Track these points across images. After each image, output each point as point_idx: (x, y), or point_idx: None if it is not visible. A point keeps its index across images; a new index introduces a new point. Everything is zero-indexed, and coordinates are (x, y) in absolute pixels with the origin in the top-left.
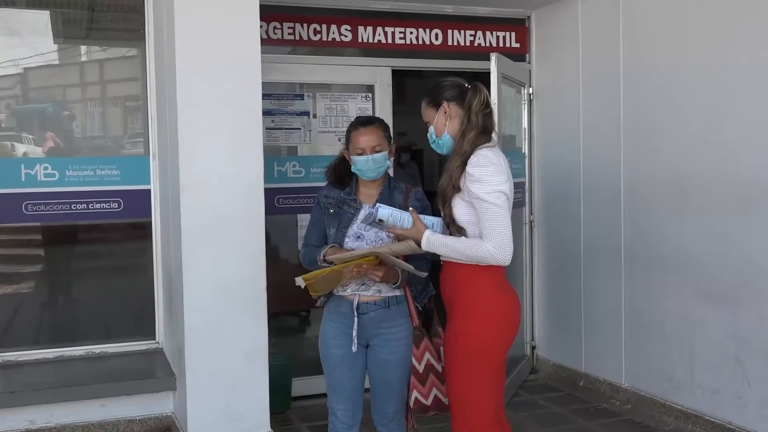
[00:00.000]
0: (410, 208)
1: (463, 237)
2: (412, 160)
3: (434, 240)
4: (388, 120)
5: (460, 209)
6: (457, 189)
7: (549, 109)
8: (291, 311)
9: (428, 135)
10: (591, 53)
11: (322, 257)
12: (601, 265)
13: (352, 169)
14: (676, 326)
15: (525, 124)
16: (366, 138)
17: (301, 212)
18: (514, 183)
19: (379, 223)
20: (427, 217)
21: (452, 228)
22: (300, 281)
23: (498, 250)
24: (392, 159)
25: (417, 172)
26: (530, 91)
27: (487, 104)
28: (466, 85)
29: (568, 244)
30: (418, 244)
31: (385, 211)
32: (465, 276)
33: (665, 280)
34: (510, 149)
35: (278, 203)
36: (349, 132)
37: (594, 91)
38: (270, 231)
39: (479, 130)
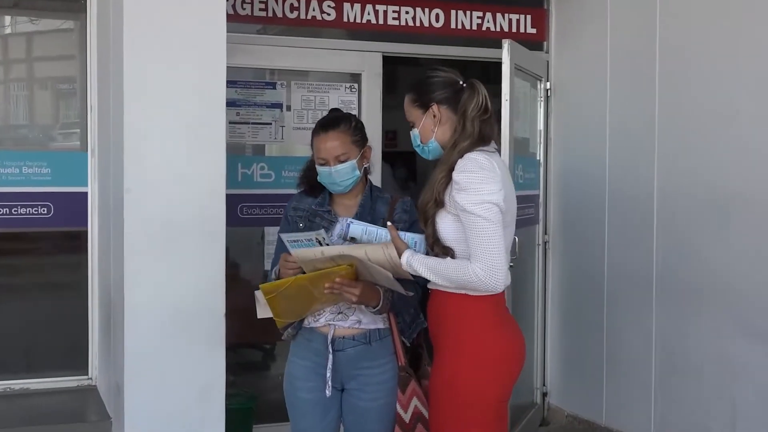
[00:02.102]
0: (388, 224)
1: (449, 258)
2: (403, 166)
3: (415, 261)
4: (376, 117)
5: (445, 225)
6: (440, 204)
7: (569, 107)
8: (254, 343)
9: (411, 137)
10: (621, 42)
11: (274, 274)
12: (628, 296)
13: (318, 179)
14: (716, 371)
15: (540, 125)
16: (327, 145)
17: (270, 224)
18: (526, 196)
19: (352, 241)
20: (408, 234)
21: (436, 249)
22: (260, 297)
23: (487, 273)
24: (368, 164)
25: (409, 179)
26: (547, 86)
27: (486, 109)
28: (461, 83)
29: (589, 270)
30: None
31: (357, 228)
32: (454, 307)
33: (704, 315)
34: (522, 155)
35: (242, 213)
36: (312, 135)
37: (624, 88)
38: (231, 246)
39: (474, 139)
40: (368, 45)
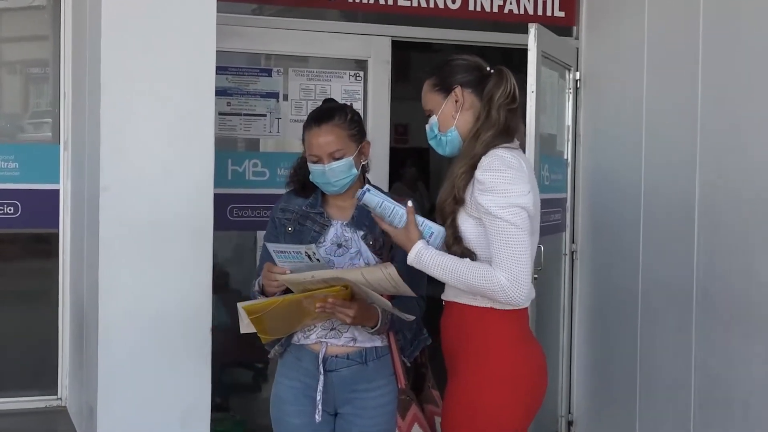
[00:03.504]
0: (408, 203)
1: (468, 259)
2: (413, 166)
3: (426, 256)
4: (384, 108)
5: (466, 228)
6: (460, 202)
7: (601, 101)
8: (243, 361)
9: (428, 128)
10: (661, 26)
11: (258, 287)
12: (665, 313)
13: (311, 178)
14: (765, 404)
15: (569, 120)
16: (320, 141)
17: (263, 228)
18: (552, 199)
19: (364, 207)
20: (428, 222)
21: (456, 248)
22: (242, 313)
23: (511, 283)
24: (366, 162)
25: (420, 179)
26: (577, 76)
27: (513, 97)
28: (488, 68)
29: (621, 283)
30: (405, 253)
31: (374, 199)
32: (477, 322)
33: (753, 338)
34: (548, 153)
35: (232, 215)
36: (303, 129)
37: (663, 79)
38: (220, 252)
39: (499, 129)
40: (375, 28)
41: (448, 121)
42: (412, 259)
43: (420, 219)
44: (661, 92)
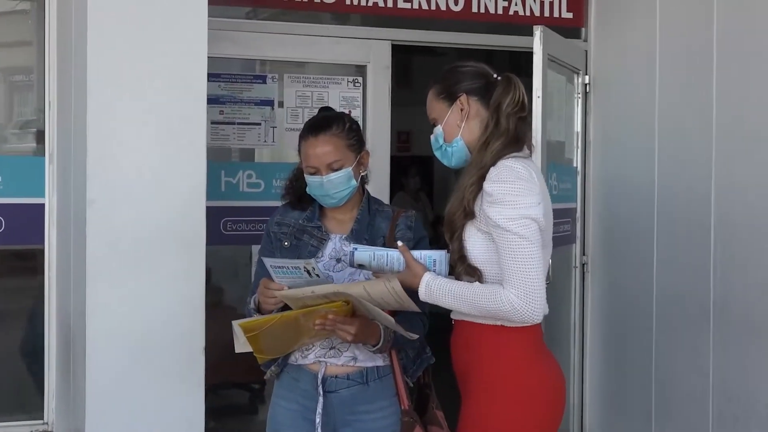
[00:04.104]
0: (398, 243)
1: (477, 282)
2: (416, 175)
3: (437, 287)
4: (384, 116)
5: (475, 243)
6: (470, 215)
7: (612, 106)
8: (238, 382)
9: (432, 138)
10: (673, 26)
11: (254, 304)
12: (681, 328)
13: (308, 191)
14: None
15: (578, 126)
16: (318, 151)
17: (258, 242)
18: (561, 209)
19: (360, 267)
20: (425, 252)
21: (460, 268)
22: (238, 331)
23: (523, 301)
24: (365, 172)
25: (423, 189)
26: (586, 80)
27: (522, 105)
28: (495, 75)
29: (635, 297)
30: (415, 291)
31: (364, 255)
32: (488, 341)
33: None
34: (556, 161)
35: (226, 228)
36: (299, 139)
37: (676, 82)
38: (213, 268)
39: (508, 138)
40: (374, 32)
41: (454, 131)
42: (423, 294)
43: (416, 253)
44: (674, 96)
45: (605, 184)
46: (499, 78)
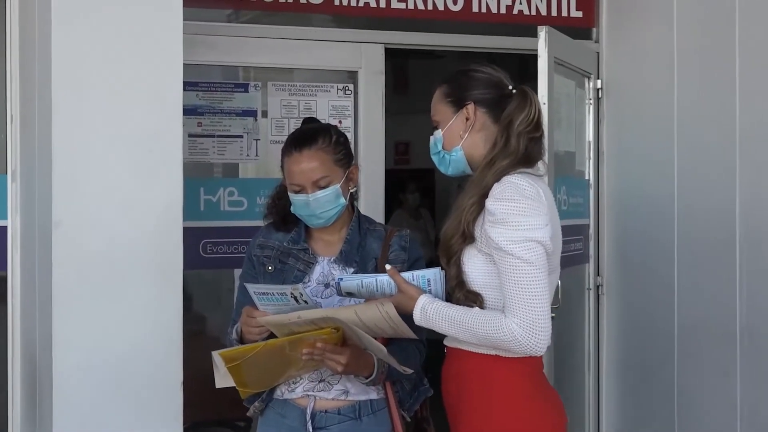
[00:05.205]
0: (387, 267)
1: (476, 308)
2: (416, 190)
3: (433, 311)
4: (377, 126)
5: (474, 265)
6: (469, 238)
7: (626, 112)
8: (222, 420)
9: (431, 140)
10: (692, 26)
11: (236, 334)
12: (706, 354)
13: (292, 210)
14: None
15: (589, 135)
16: (303, 167)
17: (241, 266)
18: (572, 226)
19: (350, 296)
20: (417, 272)
21: (458, 294)
22: (218, 361)
23: (526, 331)
24: (354, 189)
25: (424, 205)
26: (598, 85)
27: (537, 125)
28: (511, 87)
29: (655, 321)
30: (410, 315)
31: (351, 284)
32: (480, 371)
33: None
34: (566, 174)
35: (205, 251)
36: (282, 155)
37: (696, 87)
38: (193, 294)
39: (517, 159)
40: (367, 35)
41: (455, 140)
42: (417, 318)
43: (407, 274)
44: (694, 101)
45: (620, 198)
46: (514, 90)
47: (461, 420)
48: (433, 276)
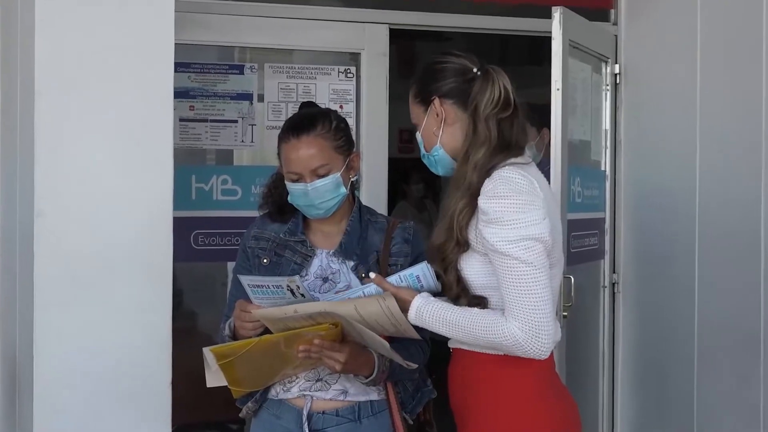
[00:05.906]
0: (371, 275)
1: (476, 309)
2: (421, 180)
3: (427, 312)
4: (381, 111)
5: (473, 267)
6: (464, 246)
7: (646, 99)
8: (213, 422)
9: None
10: (717, 8)
11: (229, 330)
12: (727, 357)
13: (289, 200)
14: None
15: (606, 123)
16: (301, 155)
17: (235, 258)
18: (587, 220)
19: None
20: (404, 273)
21: (464, 300)
22: (209, 359)
23: (528, 335)
24: (355, 177)
25: (428, 196)
26: (616, 70)
27: (505, 103)
28: (476, 70)
29: (673, 321)
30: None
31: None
32: (487, 373)
33: None
34: (580, 164)
35: (197, 242)
36: (279, 141)
37: (721, 72)
38: (183, 288)
39: (492, 145)
40: (370, 14)
41: (432, 139)
42: (413, 318)
43: (393, 278)
44: (718, 87)
45: (638, 191)
46: (478, 72)
47: (468, 422)
48: (421, 272)
